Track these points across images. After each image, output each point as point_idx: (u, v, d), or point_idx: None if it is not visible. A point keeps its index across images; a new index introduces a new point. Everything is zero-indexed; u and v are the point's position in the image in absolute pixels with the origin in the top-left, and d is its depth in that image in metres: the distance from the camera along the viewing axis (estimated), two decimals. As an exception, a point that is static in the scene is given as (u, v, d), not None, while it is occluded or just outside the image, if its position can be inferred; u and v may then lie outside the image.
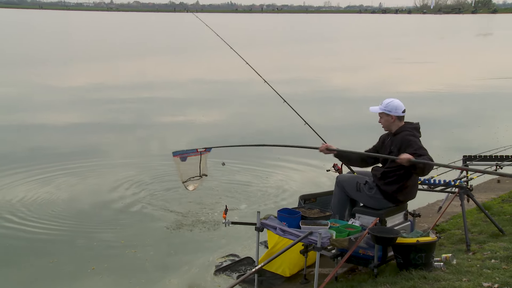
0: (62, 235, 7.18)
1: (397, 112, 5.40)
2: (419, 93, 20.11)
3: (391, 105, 5.41)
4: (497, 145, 9.04)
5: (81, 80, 23.30)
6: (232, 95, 19.92)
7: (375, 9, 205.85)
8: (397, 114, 5.40)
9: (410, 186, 5.41)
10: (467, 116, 15.84)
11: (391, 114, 5.40)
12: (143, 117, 15.38)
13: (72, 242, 6.97)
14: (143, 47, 42.09)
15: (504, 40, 51.24)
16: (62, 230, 7.34)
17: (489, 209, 7.07)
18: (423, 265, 4.87)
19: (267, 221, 5.38)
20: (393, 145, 5.36)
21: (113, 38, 54.35)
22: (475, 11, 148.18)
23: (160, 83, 22.59)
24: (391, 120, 5.42)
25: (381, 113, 5.47)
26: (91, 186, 9.14)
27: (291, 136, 11.83)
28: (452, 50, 41.46)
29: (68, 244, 6.90)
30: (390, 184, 5.32)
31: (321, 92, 20.06)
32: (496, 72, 25.37)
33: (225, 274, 6.04)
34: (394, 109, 5.40)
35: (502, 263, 4.88)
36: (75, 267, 6.33)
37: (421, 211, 6.65)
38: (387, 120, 5.45)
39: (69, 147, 11.77)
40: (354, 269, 5.71)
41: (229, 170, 9.81)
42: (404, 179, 5.31)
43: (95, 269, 6.25)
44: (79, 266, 6.33)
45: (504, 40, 51.15)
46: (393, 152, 5.32)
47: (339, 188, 5.69)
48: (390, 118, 5.42)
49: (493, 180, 9.05)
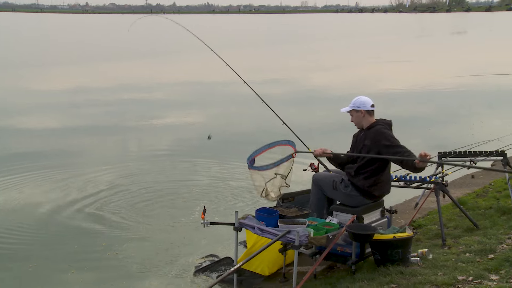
0: (41, 240, 7.12)
1: (366, 107, 5.53)
2: (396, 91, 20.33)
3: (359, 101, 5.57)
4: (472, 141, 9.19)
5: (56, 83, 23.06)
6: (211, 96, 19.89)
7: (352, 9, 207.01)
8: (366, 108, 5.53)
9: (385, 181, 5.50)
10: (443, 114, 16.02)
11: (360, 109, 5.54)
12: (121, 120, 15.29)
13: (52, 246, 6.93)
14: (120, 50, 41.80)
15: (477, 38, 51.98)
16: (41, 234, 7.28)
17: (464, 204, 7.19)
18: (400, 260, 4.94)
19: (245, 220, 5.40)
20: (367, 139, 5.46)
21: (89, 40, 53.86)
22: (450, 10, 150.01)
23: (136, 85, 22.45)
24: (362, 116, 5.55)
25: (351, 110, 5.60)
26: (70, 190, 9.04)
27: (269, 136, 11.84)
28: (427, 48, 41.91)
29: (47, 248, 6.86)
30: (365, 179, 5.40)
31: (299, 92, 20.13)
32: (470, 70, 25.72)
33: (205, 274, 6.05)
34: (362, 104, 5.54)
35: (476, 256, 4.97)
36: (55, 271, 6.31)
37: (398, 207, 6.75)
38: (358, 116, 5.57)
39: (44, 151, 11.68)
40: (332, 266, 5.77)
41: (207, 170, 9.91)
42: (377, 173, 5.40)
43: (75, 272, 6.23)
44: (59, 269, 6.31)
45: (478, 38, 51.89)
46: (366, 145, 5.43)
47: (316, 187, 5.74)
48: (360, 114, 5.55)
49: (467, 176, 9.20)
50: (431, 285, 4.37)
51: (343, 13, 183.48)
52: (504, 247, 5.13)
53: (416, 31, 67.98)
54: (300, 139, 6.64)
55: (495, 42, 45.46)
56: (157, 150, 11.82)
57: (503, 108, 16.72)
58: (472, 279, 4.39)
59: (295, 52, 39.97)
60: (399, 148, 5.22)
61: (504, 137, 10.50)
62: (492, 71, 23.02)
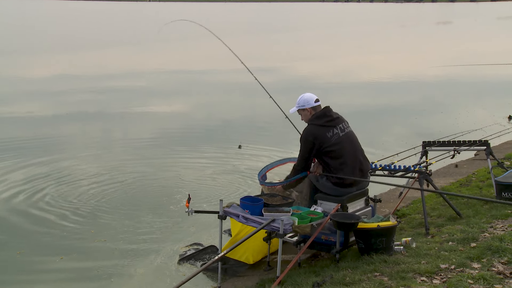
0: (29, 227, 7.10)
1: (310, 104, 5.58)
2: (382, 81, 20.39)
3: (302, 100, 5.62)
4: (456, 131, 9.28)
5: (39, 71, 22.81)
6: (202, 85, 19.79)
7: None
8: (311, 105, 5.58)
9: (347, 167, 5.48)
10: (429, 103, 16.09)
11: (306, 108, 5.60)
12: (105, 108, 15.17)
13: (40, 233, 6.92)
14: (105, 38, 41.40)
15: (463, 28, 52.26)
16: (29, 221, 7.26)
17: (447, 193, 7.24)
18: (383, 249, 4.96)
19: (229, 209, 5.39)
20: None
21: (73, 28, 53.25)
22: (435, 0, 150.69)
23: (121, 74, 22.28)
24: (309, 114, 5.61)
25: (298, 110, 5.67)
26: (58, 178, 8.98)
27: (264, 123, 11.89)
28: (413, 38, 42.08)
29: (36, 236, 6.86)
30: (328, 178, 5.49)
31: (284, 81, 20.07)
32: (456, 60, 25.87)
33: (189, 263, 6.05)
34: (306, 102, 5.60)
35: (459, 245, 5.02)
36: (43, 257, 6.33)
37: (382, 196, 6.77)
38: (305, 115, 5.65)
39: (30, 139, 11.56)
40: (316, 255, 5.79)
41: (195, 159, 9.96)
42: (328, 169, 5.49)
43: (63, 258, 6.26)
44: (47, 256, 6.33)
45: (463, 28, 52.17)
46: None
47: (307, 178, 5.77)
48: (307, 112, 5.62)
49: (451, 165, 9.26)
50: (414, 273, 4.39)
51: (329, 2, 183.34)
52: (486, 235, 5.18)
53: (402, 21, 68.12)
54: (299, 131, 6.72)
55: (480, 33, 45.74)
56: (143, 139, 11.74)
57: (488, 98, 16.85)
58: (454, 267, 4.43)
59: (280, 41, 39.89)
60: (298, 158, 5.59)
61: (487, 127, 10.64)
62: (477, 61, 23.16)
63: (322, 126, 5.47)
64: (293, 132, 6.99)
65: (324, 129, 5.45)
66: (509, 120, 13.14)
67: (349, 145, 5.52)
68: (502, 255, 4.57)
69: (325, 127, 5.47)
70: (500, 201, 6.06)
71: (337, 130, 5.49)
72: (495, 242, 4.80)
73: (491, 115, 13.60)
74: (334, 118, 5.55)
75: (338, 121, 5.56)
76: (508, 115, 13.41)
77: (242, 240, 4.92)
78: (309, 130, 5.53)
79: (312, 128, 5.51)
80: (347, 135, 5.54)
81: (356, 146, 5.61)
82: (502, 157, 8.98)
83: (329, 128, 5.47)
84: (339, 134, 5.47)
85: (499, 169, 7.24)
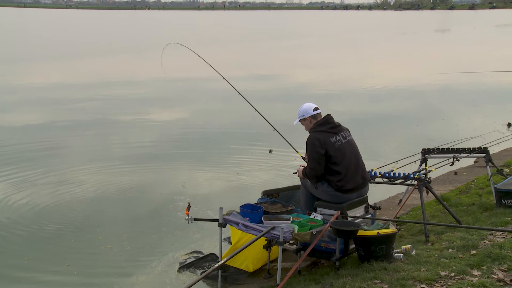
0: (37, 234, 7.15)
1: (309, 113, 5.66)
2: (381, 88, 20.40)
3: (302, 110, 5.71)
4: (456, 138, 9.30)
5: (38, 79, 22.83)
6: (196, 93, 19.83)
7: (337, 6, 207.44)
8: (310, 114, 5.65)
9: (351, 173, 5.50)
10: (429, 110, 16.08)
11: (306, 117, 5.67)
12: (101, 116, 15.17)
13: (49, 240, 6.98)
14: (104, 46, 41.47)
15: (461, 36, 52.39)
16: (37, 229, 7.30)
17: (447, 200, 7.26)
18: (383, 256, 4.96)
19: (229, 217, 5.40)
20: None
21: (73, 36, 53.34)
22: (434, 8, 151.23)
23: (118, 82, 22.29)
24: (309, 122, 5.68)
25: (300, 121, 5.75)
26: (66, 186, 9.03)
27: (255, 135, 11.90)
28: (412, 46, 42.16)
29: (44, 242, 6.91)
30: (330, 184, 5.49)
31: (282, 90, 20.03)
32: (456, 67, 25.92)
33: (189, 271, 6.05)
34: (305, 112, 5.68)
35: (458, 252, 5.01)
36: (51, 263, 6.38)
37: (382, 204, 6.78)
38: (307, 124, 5.72)
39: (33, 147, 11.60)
40: (316, 262, 5.79)
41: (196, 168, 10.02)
42: (325, 176, 5.49)
43: (70, 265, 6.31)
44: (55, 262, 6.38)
45: (462, 36, 52.30)
46: None
47: (303, 186, 5.82)
48: (308, 122, 5.69)
49: (450, 173, 9.27)
50: (414, 281, 4.39)
51: (328, 10, 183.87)
52: (486, 243, 5.18)
53: (401, 29, 68.31)
54: (291, 144, 6.86)
55: (479, 40, 45.86)
56: (144, 147, 11.75)
57: (487, 105, 16.85)
58: (454, 274, 4.43)
59: (279, 49, 39.94)
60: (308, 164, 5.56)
61: (487, 134, 10.66)
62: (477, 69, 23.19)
63: (325, 132, 5.52)
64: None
65: (327, 135, 5.50)
66: (509, 127, 13.15)
67: (351, 152, 5.55)
68: (502, 262, 4.56)
69: (328, 133, 5.51)
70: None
71: (339, 137, 5.54)
72: (495, 249, 4.79)
73: (490, 122, 13.61)
74: (336, 125, 5.62)
75: (340, 129, 5.62)
76: (508, 122, 13.42)
77: (242, 248, 4.92)
78: (313, 136, 5.55)
79: (316, 134, 5.54)
80: (349, 142, 5.58)
81: (358, 154, 5.64)
82: (501, 164, 9.00)
83: (332, 134, 5.52)
84: (341, 141, 5.52)
85: (499, 176, 7.25)
